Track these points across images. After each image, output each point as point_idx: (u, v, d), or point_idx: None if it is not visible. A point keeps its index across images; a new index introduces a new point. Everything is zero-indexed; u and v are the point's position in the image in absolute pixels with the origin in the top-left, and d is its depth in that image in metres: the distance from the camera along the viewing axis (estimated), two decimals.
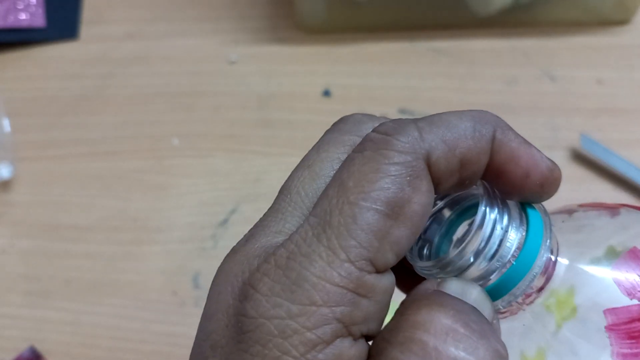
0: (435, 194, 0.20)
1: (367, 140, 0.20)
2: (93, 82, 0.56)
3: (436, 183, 0.20)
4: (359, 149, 0.20)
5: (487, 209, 0.20)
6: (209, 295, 0.20)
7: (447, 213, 0.23)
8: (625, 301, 0.21)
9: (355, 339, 0.19)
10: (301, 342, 0.18)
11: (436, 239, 0.23)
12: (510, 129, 0.21)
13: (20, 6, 0.59)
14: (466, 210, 0.23)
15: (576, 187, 0.49)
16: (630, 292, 0.21)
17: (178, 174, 0.52)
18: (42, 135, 0.54)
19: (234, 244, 0.21)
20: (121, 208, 0.51)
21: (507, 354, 0.19)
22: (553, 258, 0.21)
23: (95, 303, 0.47)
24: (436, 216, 0.23)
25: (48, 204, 0.51)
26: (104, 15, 0.59)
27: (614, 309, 0.21)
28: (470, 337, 0.18)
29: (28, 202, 0.51)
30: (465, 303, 0.19)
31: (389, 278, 0.19)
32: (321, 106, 0.54)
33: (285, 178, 0.22)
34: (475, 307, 0.19)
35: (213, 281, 0.20)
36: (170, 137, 0.53)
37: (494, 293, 0.21)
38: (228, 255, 0.21)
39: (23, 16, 0.58)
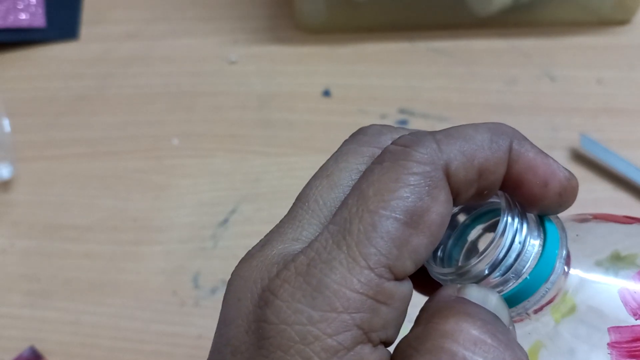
0: (454, 205, 0.20)
1: (386, 151, 0.20)
2: (93, 82, 0.56)
3: (455, 194, 0.20)
4: (378, 160, 0.20)
5: (508, 220, 0.21)
6: (225, 300, 0.20)
7: (461, 218, 0.23)
8: (630, 320, 0.21)
9: (374, 345, 0.19)
10: (322, 348, 0.18)
11: (450, 242, 0.23)
12: (526, 139, 0.21)
13: (20, 6, 0.59)
14: (481, 215, 0.23)
15: None
16: (635, 312, 0.21)
17: (178, 174, 0.52)
18: (42, 135, 0.54)
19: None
20: (121, 208, 0.51)
21: None
22: (566, 270, 0.22)
23: (95, 303, 0.47)
24: (451, 220, 0.23)
25: (48, 204, 0.51)
26: (104, 15, 0.59)
27: (618, 327, 0.21)
28: (497, 348, 0.18)
29: (28, 202, 0.51)
30: (490, 312, 0.20)
31: (407, 285, 0.20)
32: (321, 106, 0.54)
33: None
34: (497, 316, 0.20)
35: (229, 286, 0.20)
36: (170, 137, 0.53)
37: (507, 302, 0.21)
38: (244, 260, 0.21)
39: (23, 16, 0.58)
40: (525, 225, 0.21)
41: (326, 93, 0.54)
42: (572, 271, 0.22)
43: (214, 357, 0.20)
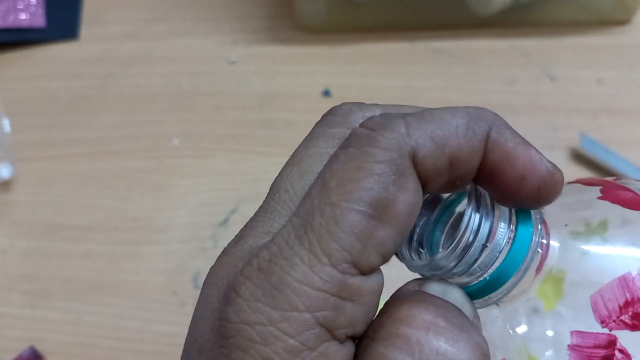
0: (423, 193, 0.19)
1: (353, 135, 0.19)
2: (93, 82, 0.56)
3: (423, 182, 0.19)
4: (344, 145, 0.19)
5: (473, 214, 0.20)
6: (198, 297, 0.20)
7: (444, 195, 0.22)
8: (595, 327, 0.20)
9: (341, 342, 0.18)
10: (284, 349, 0.18)
11: (431, 222, 0.22)
12: (509, 127, 0.20)
13: (21, 6, 0.59)
14: (462, 194, 0.22)
15: None
16: (604, 320, 0.20)
17: (178, 174, 0.52)
18: (42, 135, 0.54)
19: None
20: (121, 208, 0.51)
21: (488, 348, 0.19)
22: (538, 265, 0.21)
23: (95, 303, 0.47)
24: (433, 198, 0.22)
25: (48, 204, 0.51)
26: (104, 15, 0.59)
27: (581, 332, 0.20)
28: (450, 330, 0.18)
29: (28, 202, 0.51)
30: (445, 301, 0.19)
31: (376, 279, 0.19)
32: (321, 106, 0.54)
33: None
34: (455, 305, 0.19)
35: (203, 284, 0.20)
36: (170, 137, 0.53)
37: (478, 293, 0.21)
38: (219, 258, 0.20)
39: (23, 16, 0.58)
40: (493, 216, 0.20)
41: (326, 93, 0.54)
42: (546, 268, 0.21)
43: (184, 355, 0.20)
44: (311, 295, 0.18)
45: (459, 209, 0.22)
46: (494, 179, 0.20)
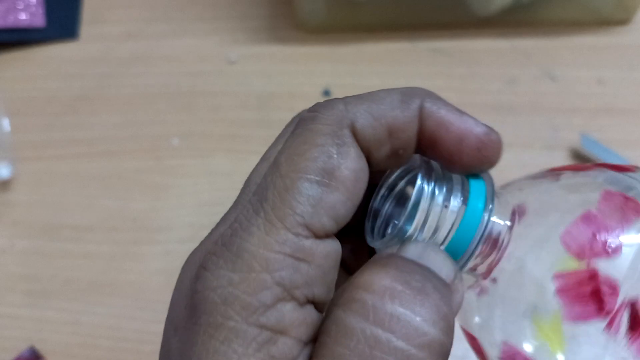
0: (370, 165, 0.21)
1: (300, 120, 0.21)
2: (93, 82, 0.56)
3: (366, 152, 0.21)
4: (293, 129, 0.21)
5: (424, 182, 0.21)
6: (175, 285, 0.22)
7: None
8: (573, 265, 0.21)
9: (300, 303, 0.19)
10: (242, 307, 0.19)
11: (409, 210, 0.23)
12: (441, 99, 0.22)
13: (20, 6, 0.59)
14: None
15: None
16: (579, 253, 0.21)
17: (178, 174, 0.52)
18: (42, 135, 0.54)
19: None
20: (121, 208, 0.51)
21: (451, 312, 0.19)
22: (501, 222, 0.22)
23: (95, 303, 0.47)
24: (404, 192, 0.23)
25: (48, 204, 0.51)
26: (104, 15, 0.59)
27: (562, 274, 0.21)
28: (407, 294, 0.19)
29: (28, 202, 0.51)
30: (413, 263, 0.20)
31: (331, 244, 0.20)
32: None
33: None
34: (425, 267, 0.20)
35: (180, 271, 0.22)
36: (170, 137, 0.53)
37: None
38: (194, 249, 0.22)
39: (23, 16, 0.58)
40: (445, 182, 0.21)
41: (326, 93, 0.54)
42: (515, 228, 0.22)
43: (163, 339, 0.21)
44: (268, 257, 0.19)
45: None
46: (435, 146, 0.22)
